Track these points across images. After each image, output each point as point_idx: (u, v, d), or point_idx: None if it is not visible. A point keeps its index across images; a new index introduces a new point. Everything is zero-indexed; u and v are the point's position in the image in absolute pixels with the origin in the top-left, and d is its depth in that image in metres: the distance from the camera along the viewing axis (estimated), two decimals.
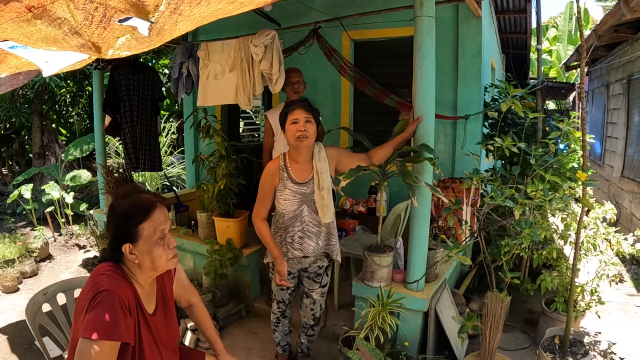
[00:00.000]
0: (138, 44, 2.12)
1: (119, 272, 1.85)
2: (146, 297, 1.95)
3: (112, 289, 1.75)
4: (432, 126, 3.19)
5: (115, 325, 1.69)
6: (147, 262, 1.85)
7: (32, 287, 5.32)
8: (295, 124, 2.87)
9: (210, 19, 2.07)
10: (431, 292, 3.41)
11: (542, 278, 3.70)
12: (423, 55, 3.08)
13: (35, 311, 2.34)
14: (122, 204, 1.83)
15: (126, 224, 1.81)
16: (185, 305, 2.35)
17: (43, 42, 2.02)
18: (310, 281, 3.18)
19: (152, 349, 1.92)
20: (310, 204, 3.00)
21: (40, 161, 9.37)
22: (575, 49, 9.95)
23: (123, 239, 1.82)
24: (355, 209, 5.08)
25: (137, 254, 1.83)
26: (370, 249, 3.42)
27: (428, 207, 3.28)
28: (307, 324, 3.34)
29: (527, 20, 7.17)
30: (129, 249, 1.82)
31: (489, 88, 5.38)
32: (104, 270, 1.82)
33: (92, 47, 2.00)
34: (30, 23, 1.80)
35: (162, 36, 2.05)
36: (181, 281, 2.28)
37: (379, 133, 5.42)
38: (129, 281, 1.85)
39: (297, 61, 4.69)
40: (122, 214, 1.82)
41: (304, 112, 2.88)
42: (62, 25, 1.84)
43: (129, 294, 1.81)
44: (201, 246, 4.48)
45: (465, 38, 4.85)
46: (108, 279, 1.78)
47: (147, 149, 5.31)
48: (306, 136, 2.85)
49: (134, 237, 1.81)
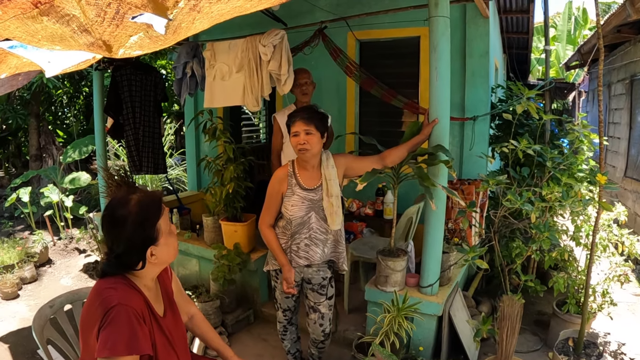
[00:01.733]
0: (151, 43, 2.04)
1: (125, 282, 1.78)
2: (155, 300, 1.91)
3: (124, 301, 1.68)
4: (448, 128, 3.13)
5: (135, 338, 1.64)
6: (165, 256, 1.84)
7: (32, 293, 5.22)
8: (297, 137, 2.83)
9: (227, 17, 2.00)
10: (445, 295, 3.36)
11: (555, 280, 3.65)
12: (439, 56, 3.01)
13: (42, 325, 2.24)
14: (131, 212, 1.73)
15: (148, 227, 1.76)
16: (185, 319, 2.25)
17: (48, 40, 1.92)
18: (316, 294, 3.08)
19: (169, 352, 1.88)
20: (318, 211, 2.94)
21: (37, 163, 9.26)
22: (576, 49, 9.92)
23: (146, 244, 1.76)
24: (362, 211, 5.01)
25: (156, 254, 1.79)
26: (384, 253, 3.36)
27: (443, 211, 3.23)
28: (317, 339, 3.23)
29: (530, 20, 7.12)
30: (151, 252, 1.78)
31: (495, 89, 5.33)
32: (109, 284, 1.74)
33: (103, 45, 1.92)
34: (36, 20, 1.72)
35: (178, 34, 1.98)
36: (178, 286, 2.22)
37: (384, 134, 5.37)
38: (137, 289, 1.79)
39: (302, 61, 4.62)
40: (136, 222, 1.73)
41: (303, 125, 2.82)
42: (70, 22, 1.76)
43: (140, 303, 1.76)
44: (207, 251, 4.40)
45: (472, 38, 4.79)
46: (117, 292, 1.71)
47: (151, 151, 5.22)
48: (307, 149, 2.81)
49: (154, 237, 1.77)
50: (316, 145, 2.84)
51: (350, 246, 4.10)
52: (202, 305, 3.90)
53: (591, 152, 3.88)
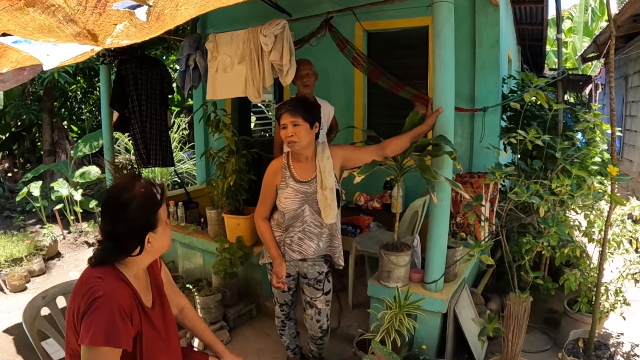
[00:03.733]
0: (137, 32, 1.98)
1: (114, 272, 1.76)
2: (143, 291, 1.89)
3: (110, 293, 1.67)
4: (452, 118, 3.02)
5: (115, 331, 1.63)
6: (160, 244, 1.85)
7: (40, 285, 5.24)
8: (285, 129, 2.77)
9: (216, 5, 1.92)
10: (450, 292, 3.26)
11: (566, 278, 3.53)
12: (442, 43, 2.91)
13: (33, 315, 2.22)
14: (135, 196, 1.76)
15: (150, 213, 1.78)
16: (175, 312, 2.22)
17: (39, 32, 1.90)
18: (312, 289, 3.01)
19: (158, 343, 1.87)
20: (312, 204, 2.87)
21: (51, 158, 9.33)
22: (592, 40, 9.69)
23: (146, 229, 1.77)
24: (369, 205, 4.92)
25: (152, 242, 1.80)
26: (387, 247, 3.27)
27: (448, 204, 3.12)
28: (314, 336, 3.17)
29: (544, 11, 6.93)
30: (149, 238, 1.78)
31: (507, 80, 5.20)
32: (97, 274, 1.73)
33: (88, 35, 1.87)
34: (23, 11, 1.70)
35: (163, 22, 1.91)
36: (168, 278, 2.19)
37: (393, 126, 5.24)
38: (125, 281, 1.78)
39: (308, 53, 4.53)
40: (141, 205, 1.76)
41: (290, 117, 2.75)
42: (56, 12, 1.73)
43: (127, 296, 1.74)
44: (210, 244, 4.35)
45: (482, 27, 4.66)
46: (104, 283, 1.69)
47: (158, 143, 5.18)
48: (295, 141, 2.75)
49: (154, 224, 1.79)
50: (305, 136, 2.77)
51: (355, 240, 4.01)
52: (203, 298, 3.85)
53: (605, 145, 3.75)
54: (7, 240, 5.77)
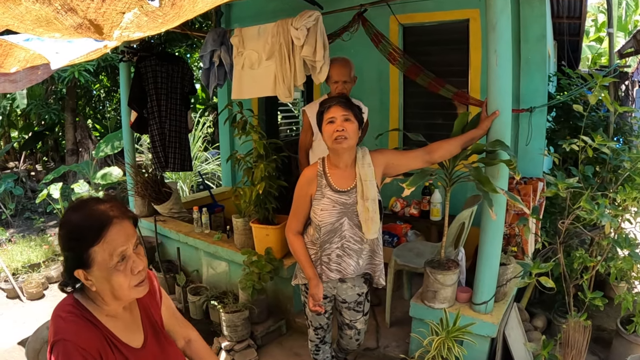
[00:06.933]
0: (150, 21, 1.68)
1: (79, 311, 1.50)
2: (127, 330, 1.61)
3: (69, 337, 1.43)
4: (509, 122, 2.67)
5: None
6: (107, 291, 1.49)
7: (58, 292, 5.00)
8: (332, 124, 2.45)
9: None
10: (501, 314, 2.94)
11: (622, 297, 3.17)
12: (498, 37, 2.57)
13: (37, 349, 1.94)
14: (71, 221, 1.47)
15: (75, 248, 1.44)
16: (182, 344, 1.94)
17: (37, 25, 1.63)
18: (352, 312, 2.74)
19: None
20: (351, 217, 2.54)
21: (74, 158, 9.22)
22: (631, 34, 9.18)
23: (75, 263, 1.45)
24: (406, 211, 4.60)
25: (93, 281, 1.46)
26: (432, 264, 2.95)
27: (502, 219, 2.79)
28: (350, 350, 3.00)
29: (583, 3, 6.50)
30: (84, 275, 1.46)
31: (552, 77, 4.83)
32: (62, 310, 1.50)
33: (91, 26, 1.58)
34: (16, 1, 1.44)
35: (180, 9, 1.61)
36: (170, 309, 1.88)
37: (431, 127, 4.96)
38: (91, 320, 1.51)
39: (340, 49, 4.23)
40: (69, 235, 1.46)
41: (341, 110, 2.44)
42: (52, 1, 1.45)
43: (93, 339, 1.48)
44: (237, 254, 4.07)
45: (527, 20, 4.28)
46: (65, 324, 1.46)
47: (177, 146, 4.95)
48: (345, 137, 2.42)
49: (85, 262, 1.44)
50: (354, 135, 2.47)
51: (394, 253, 3.70)
52: (229, 316, 3.57)
53: None
54: (25, 245, 5.61)
